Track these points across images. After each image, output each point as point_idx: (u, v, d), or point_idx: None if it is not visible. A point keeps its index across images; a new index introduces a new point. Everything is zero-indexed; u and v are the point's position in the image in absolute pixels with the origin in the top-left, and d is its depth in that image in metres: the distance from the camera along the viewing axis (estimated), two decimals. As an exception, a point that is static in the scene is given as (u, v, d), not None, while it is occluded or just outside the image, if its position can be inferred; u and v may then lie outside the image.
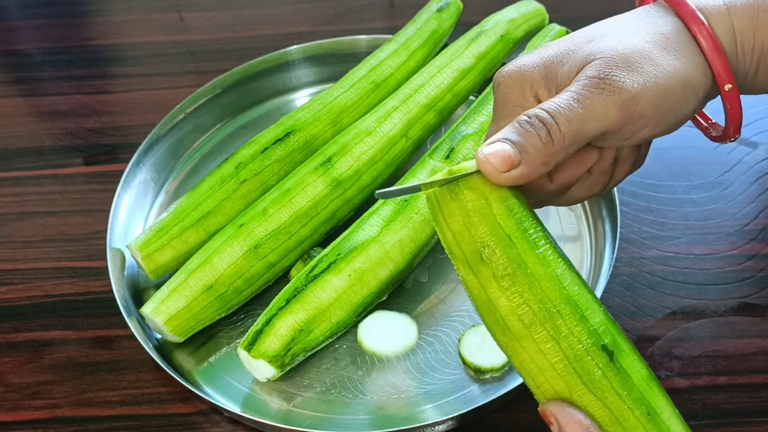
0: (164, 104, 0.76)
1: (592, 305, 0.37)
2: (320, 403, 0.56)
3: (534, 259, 0.37)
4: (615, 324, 0.38)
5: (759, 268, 0.62)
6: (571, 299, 0.36)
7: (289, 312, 0.55)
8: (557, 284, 0.36)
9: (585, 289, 0.38)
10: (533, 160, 0.38)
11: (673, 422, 0.37)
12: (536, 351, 0.37)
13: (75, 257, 0.67)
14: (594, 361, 0.36)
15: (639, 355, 0.38)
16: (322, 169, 0.61)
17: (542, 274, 0.36)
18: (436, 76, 0.67)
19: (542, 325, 0.36)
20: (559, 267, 0.37)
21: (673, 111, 0.41)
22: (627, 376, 0.36)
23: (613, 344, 0.37)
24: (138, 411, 0.56)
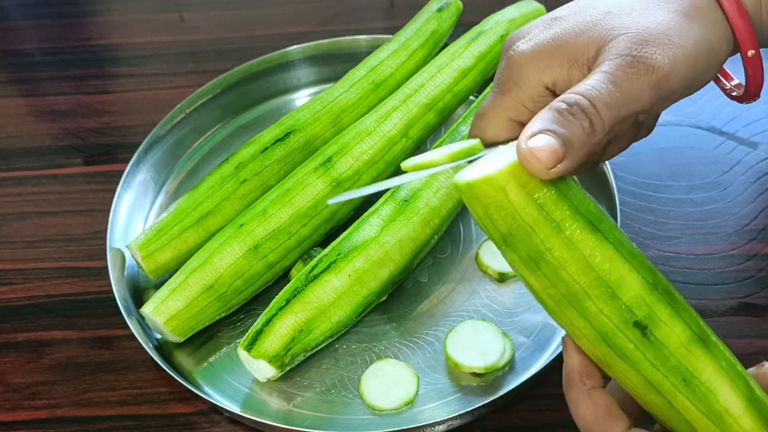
0: (164, 104, 0.76)
1: (626, 279, 0.36)
2: (320, 403, 0.56)
3: (558, 244, 0.36)
4: (654, 291, 0.36)
5: (759, 268, 0.62)
6: (600, 279, 0.36)
7: (290, 312, 0.55)
8: (584, 266, 0.36)
9: (620, 261, 0.36)
10: (578, 153, 0.36)
11: (715, 380, 0.37)
12: (570, 324, 0.38)
13: (75, 257, 0.67)
14: (626, 337, 0.36)
15: (685, 313, 0.37)
16: (322, 169, 0.61)
17: (567, 258, 0.36)
18: (436, 76, 0.67)
19: (571, 305, 0.37)
20: (587, 247, 0.36)
21: (699, 80, 0.39)
22: (662, 346, 0.36)
23: (648, 317, 0.36)
24: (138, 411, 0.56)
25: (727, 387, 0.37)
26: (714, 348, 0.37)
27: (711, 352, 0.37)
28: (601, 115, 0.36)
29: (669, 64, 0.37)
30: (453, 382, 0.56)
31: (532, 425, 0.55)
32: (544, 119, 0.36)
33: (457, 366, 0.55)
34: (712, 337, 0.38)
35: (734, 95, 0.46)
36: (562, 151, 0.35)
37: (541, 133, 0.35)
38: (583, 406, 0.38)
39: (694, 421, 0.37)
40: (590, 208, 0.37)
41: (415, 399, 0.55)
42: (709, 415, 0.37)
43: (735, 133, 0.72)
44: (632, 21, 0.39)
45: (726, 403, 0.37)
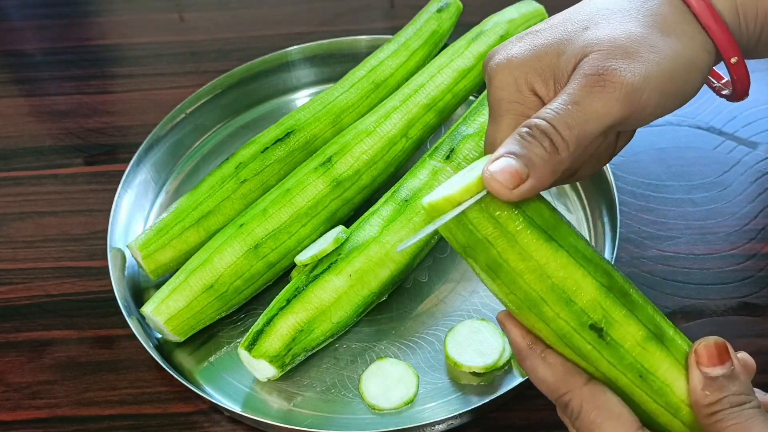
0: (164, 104, 0.76)
1: (581, 284, 0.37)
2: (320, 402, 0.56)
3: (514, 256, 0.37)
4: (609, 294, 0.38)
5: (758, 268, 0.62)
6: (556, 287, 0.37)
7: (290, 312, 0.55)
8: (540, 275, 0.37)
9: (575, 268, 0.38)
10: (541, 172, 0.37)
11: (671, 374, 0.38)
12: (531, 326, 0.39)
13: (75, 257, 0.67)
14: (583, 339, 0.38)
15: (640, 313, 0.38)
16: (322, 169, 0.61)
17: (523, 269, 0.37)
18: (436, 76, 0.67)
19: (530, 310, 0.38)
20: (542, 257, 0.37)
21: (679, 93, 0.40)
22: (618, 346, 0.38)
23: (603, 320, 0.38)
24: (138, 410, 0.57)
25: (683, 380, 0.38)
26: (670, 343, 0.39)
27: (666, 348, 0.38)
28: (561, 135, 0.37)
29: (639, 78, 0.38)
30: (452, 381, 0.56)
31: (532, 425, 0.55)
32: (507, 144, 0.37)
33: (457, 365, 0.56)
34: (669, 332, 0.39)
35: (723, 93, 0.47)
36: (525, 172, 0.36)
37: (502, 157, 0.37)
38: (542, 370, 0.39)
39: (654, 413, 0.39)
40: (545, 216, 0.38)
41: (415, 399, 0.55)
42: (667, 407, 0.38)
43: (734, 133, 0.72)
44: (605, 36, 0.39)
45: (683, 395, 0.38)
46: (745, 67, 0.42)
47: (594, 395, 0.38)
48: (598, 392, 0.38)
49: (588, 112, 0.38)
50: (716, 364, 0.38)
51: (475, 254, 0.38)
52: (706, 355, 0.38)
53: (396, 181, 0.63)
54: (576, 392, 0.38)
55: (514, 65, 0.41)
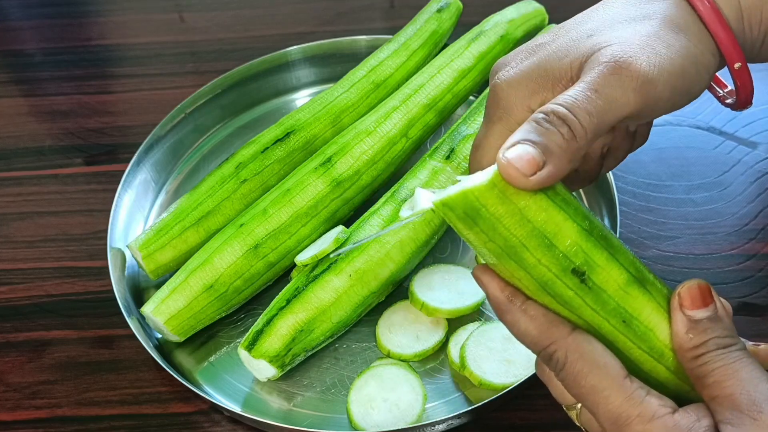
0: (164, 104, 0.76)
1: (562, 228, 0.36)
2: (320, 402, 0.56)
3: (493, 200, 0.36)
4: (589, 237, 0.37)
5: (759, 268, 0.62)
6: (536, 231, 0.36)
7: (290, 312, 0.55)
8: (520, 219, 0.36)
9: (555, 211, 0.36)
10: (559, 160, 0.35)
11: (654, 318, 0.37)
12: (511, 276, 0.38)
13: (75, 257, 0.67)
14: (565, 285, 0.37)
15: (621, 256, 0.38)
16: (322, 169, 0.61)
17: (503, 212, 0.36)
18: (436, 76, 0.67)
19: (510, 258, 0.37)
20: (522, 200, 0.36)
21: (687, 91, 0.40)
22: (601, 291, 0.37)
23: (585, 264, 0.37)
24: (138, 410, 0.57)
25: (665, 324, 0.38)
26: (651, 287, 0.38)
27: (648, 292, 0.38)
28: (580, 122, 0.36)
29: (654, 70, 0.38)
30: (453, 381, 0.56)
31: (532, 424, 0.55)
32: (523, 130, 0.36)
33: (425, 307, 0.56)
34: (650, 276, 0.39)
35: (727, 102, 0.47)
36: (541, 159, 0.35)
37: (518, 144, 0.35)
38: (523, 323, 0.38)
39: (638, 360, 0.38)
40: None
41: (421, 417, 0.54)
42: (651, 352, 0.38)
43: (734, 133, 0.72)
44: (616, 36, 0.39)
45: (666, 340, 0.38)
46: (748, 73, 0.42)
47: (579, 345, 0.37)
48: (583, 341, 0.37)
49: (607, 101, 0.37)
50: (699, 306, 0.37)
51: (453, 204, 0.37)
52: (689, 297, 0.37)
53: (396, 181, 0.63)
54: (560, 342, 0.37)
55: (522, 82, 0.41)
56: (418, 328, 0.58)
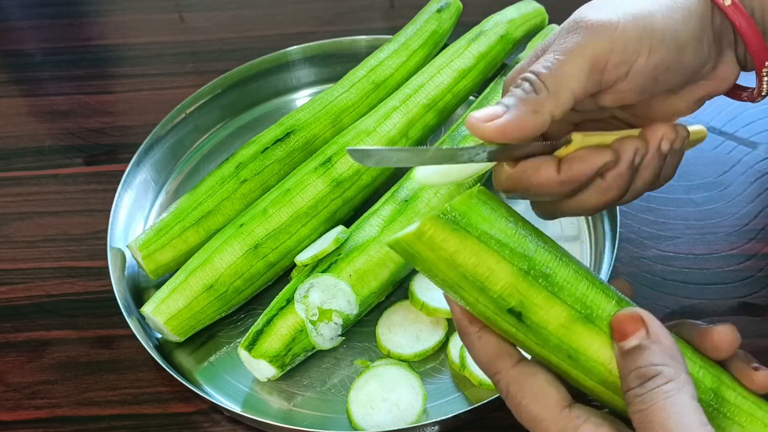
0: (164, 104, 0.76)
1: (494, 270, 0.37)
2: (320, 402, 0.56)
3: (422, 248, 0.37)
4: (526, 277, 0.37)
5: (759, 268, 0.62)
6: (466, 276, 0.37)
7: (290, 312, 0.55)
8: (450, 264, 0.37)
9: (487, 254, 0.37)
10: (518, 109, 0.38)
11: (604, 353, 0.37)
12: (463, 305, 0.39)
13: (75, 257, 0.67)
14: (505, 322, 0.38)
15: (565, 293, 0.37)
16: (322, 169, 0.61)
17: (434, 258, 0.37)
18: (436, 76, 0.67)
19: (455, 293, 0.38)
20: (451, 246, 0.37)
21: (666, 31, 0.38)
22: (540, 328, 0.37)
23: (521, 304, 0.37)
24: (138, 410, 0.57)
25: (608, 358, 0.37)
26: (603, 322, 0.37)
27: (597, 327, 0.37)
28: (539, 76, 0.38)
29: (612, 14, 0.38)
30: (453, 381, 0.56)
31: (532, 425, 0.55)
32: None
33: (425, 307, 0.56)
34: (606, 309, 0.38)
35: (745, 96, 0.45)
36: (502, 110, 0.38)
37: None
38: (476, 348, 0.39)
39: (594, 389, 0.38)
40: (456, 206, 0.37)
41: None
42: (605, 385, 0.38)
43: (734, 133, 0.72)
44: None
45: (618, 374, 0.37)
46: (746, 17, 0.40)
47: (520, 378, 0.38)
48: (525, 374, 0.38)
49: (563, 51, 0.38)
50: (624, 337, 0.36)
51: (394, 248, 0.38)
52: (616, 327, 0.37)
53: (396, 181, 0.63)
54: (503, 374, 0.38)
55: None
56: (418, 328, 0.58)
